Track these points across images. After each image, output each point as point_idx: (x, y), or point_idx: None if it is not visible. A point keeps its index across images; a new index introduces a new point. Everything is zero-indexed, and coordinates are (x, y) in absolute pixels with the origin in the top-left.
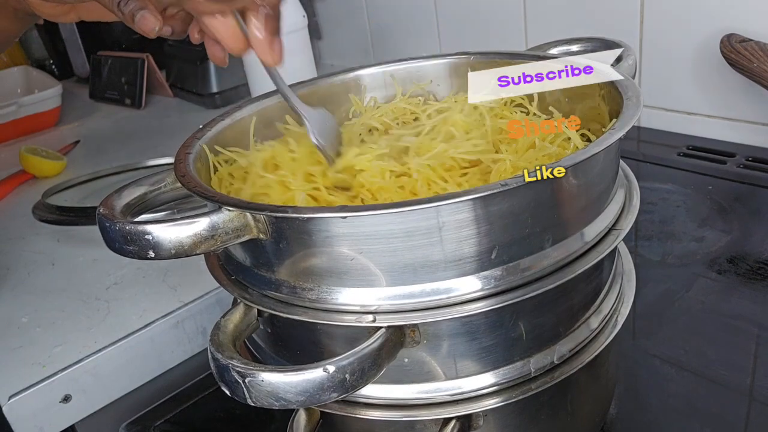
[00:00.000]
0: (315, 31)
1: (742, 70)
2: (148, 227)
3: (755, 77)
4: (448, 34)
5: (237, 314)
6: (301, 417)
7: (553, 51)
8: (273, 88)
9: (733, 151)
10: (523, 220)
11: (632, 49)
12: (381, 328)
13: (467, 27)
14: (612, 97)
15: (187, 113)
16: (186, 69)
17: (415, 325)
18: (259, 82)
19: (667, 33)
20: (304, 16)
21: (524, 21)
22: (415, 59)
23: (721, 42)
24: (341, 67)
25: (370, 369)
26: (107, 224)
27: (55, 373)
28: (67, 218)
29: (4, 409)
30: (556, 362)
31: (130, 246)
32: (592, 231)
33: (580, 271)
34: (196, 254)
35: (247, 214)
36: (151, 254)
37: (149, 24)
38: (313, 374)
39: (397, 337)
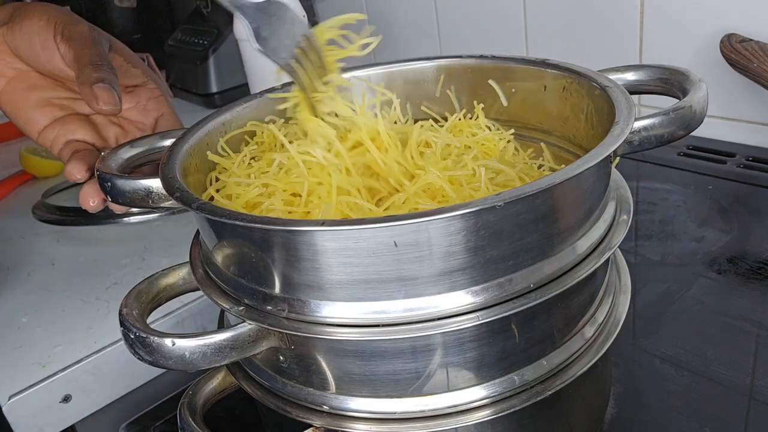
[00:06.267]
0: None
1: (742, 70)
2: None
3: (755, 77)
4: (448, 35)
5: None
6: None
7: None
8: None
9: (733, 151)
10: (515, 234)
11: (701, 80)
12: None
13: (467, 28)
14: (604, 104)
15: (187, 113)
16: (186, 69)
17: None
18: (259, 82)
19: (667, 33)
20: (304, 16)
21: (524, 21)
22: (407, 61)
23: (721, 42)
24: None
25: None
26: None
27: (55, 373)
28: (67, 218)
29: (4, 409)
30: (548, 374)
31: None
32: (585, 243)
33: (574, 283)
34: None
35: None
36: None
37: (110, 98)
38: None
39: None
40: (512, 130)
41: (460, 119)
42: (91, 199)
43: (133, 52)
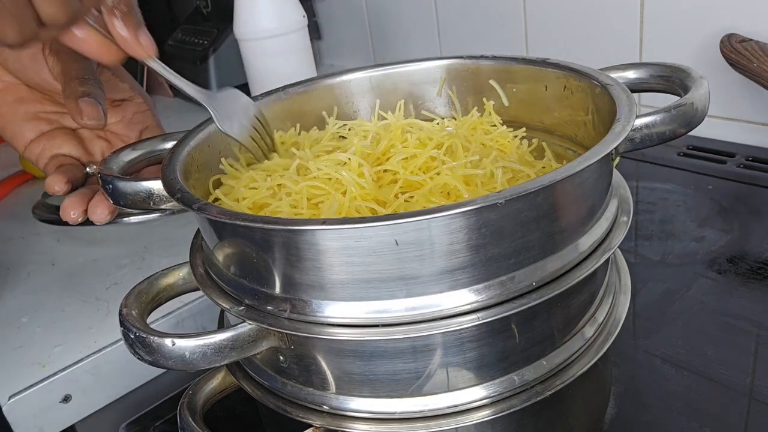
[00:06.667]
0: (315, 31)
1: (742, 70)
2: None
3: (755, 77)
4: (448, 34)
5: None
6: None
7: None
8: (273, 86)
9: (733, 151)
10: (517, 232)
11: (702, 77)
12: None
13: (467, 28)
14: (605, 102)
15: (186, 113)
16: (186, 69)
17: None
18: (260, 82)
19: (667, 33)
20: (304, 16)
21: (524, 21)
22: (408, 62)
23: (721, 42)
24: (341, 67)
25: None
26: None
27: (55, 373)
28: None
29: (4, 409)
30: (548, 374)
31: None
32: (587, 241)
33: (575, 282)
34: None
35: None
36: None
37: (94, 113)
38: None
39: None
40: (519, 130)
41: (472, 116)
42: (72, 212)
43: (122, 67)
